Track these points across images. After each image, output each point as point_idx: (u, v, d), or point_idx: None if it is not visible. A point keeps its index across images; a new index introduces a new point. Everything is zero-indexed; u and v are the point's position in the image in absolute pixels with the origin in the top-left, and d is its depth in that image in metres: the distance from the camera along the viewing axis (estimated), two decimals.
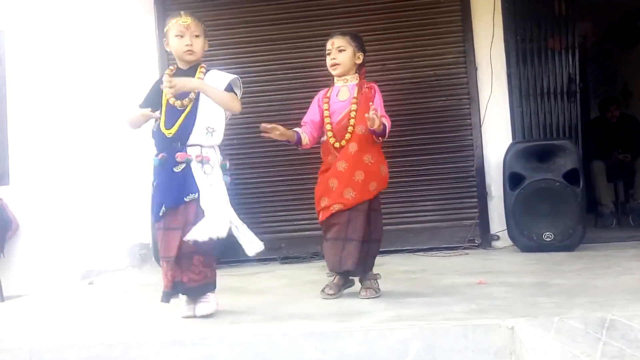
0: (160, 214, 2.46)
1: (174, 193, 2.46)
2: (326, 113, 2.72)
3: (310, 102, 2.88)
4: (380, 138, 2.66)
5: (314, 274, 3.57)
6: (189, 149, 2.49)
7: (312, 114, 2.79)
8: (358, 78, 2.75)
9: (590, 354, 1.73)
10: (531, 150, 4.04)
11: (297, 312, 2.42)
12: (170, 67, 2.64)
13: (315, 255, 4.34)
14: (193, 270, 2.43)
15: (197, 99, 2.53)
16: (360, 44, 2.74)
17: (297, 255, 4.40)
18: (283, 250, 4.49)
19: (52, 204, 4.73)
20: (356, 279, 2.76)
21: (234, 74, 2.63)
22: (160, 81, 2.59)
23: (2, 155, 4.87)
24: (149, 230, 4.27)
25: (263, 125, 2.62)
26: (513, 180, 4.01)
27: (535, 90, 4.57)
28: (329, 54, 2.73)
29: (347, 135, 2.64)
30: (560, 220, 3.87)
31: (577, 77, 4.59)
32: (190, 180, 2.46)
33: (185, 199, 2.44)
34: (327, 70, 2.81)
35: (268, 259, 4.39)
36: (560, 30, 4.62)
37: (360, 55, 2.73)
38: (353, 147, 2.63)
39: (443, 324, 2.02)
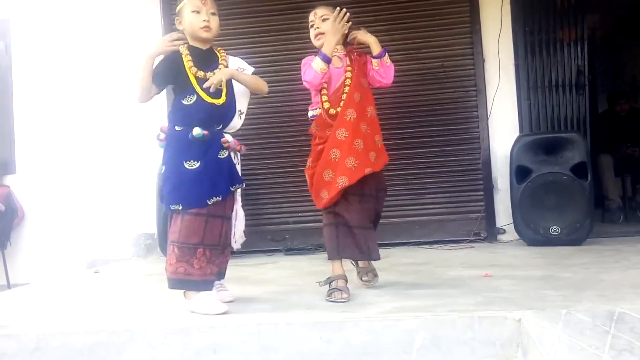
0: (210, 202, 2.32)
1: (225, 182, 2.36)
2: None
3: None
4: (380, 64, 2.58)
5: (318, 265, 3.56)
6: (226, 136, 2.40)
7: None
8: (344, 48, 2.67)
9: (599, 346, 1.72)
10: (538, 143, 4.01)
11: (301, 302, 2.41)
12: (182, 46, 2.43)
13: (319, 247, 4.32)
14: (226, 255, 2.46)
15: (229, 81, 2.43)
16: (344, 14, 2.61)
17: (301, 246, 4.40)
18: (287, 241, 4.49)
19: (58, 193, 4.75)
20: (348, 262, 2.67)
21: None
22: (176, 54, 2.40)
23: (8, 144, 4.89)
24: (154, 220, 4.28)
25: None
26: (520, 173, 3.98)
27: (543, 83, 4.53)
28: (312, 25, 2.64)
29: (342, 102, 2.52)
30: (568, 214, 3.84)
31: (586, 69, 4.55)
32: (233, 169, 2.41)
33: (231, 189, 2.39)
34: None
35: (272, 250, 4.40)
36: (569, 22, 4.58)
37: (345, 25, 2.59)
38: (351, 114, 2.51)
39: (449, 315, 2.01)
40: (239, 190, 2.46)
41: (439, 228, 4.44)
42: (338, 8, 2.59)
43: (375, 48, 2.60)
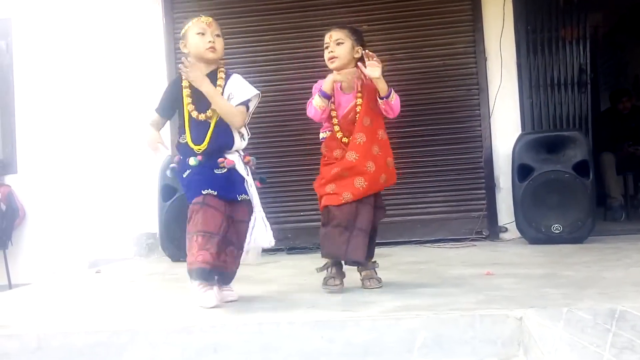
0: (204, 192, 2.39)
1: (227, 188, 2.43)
2: (332, 106, 2.66)
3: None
4: (388, 108, 2.61)
5: (320, 264, 3.55)
6: (227, 154, 2.49)
7: None
8: (357, 72, 2.67)
9: (600, 344, 1.72)
10: (541, 142, 4.00)
11: (303, 302, 2.41)
12: (190, 60, 2.52)
13: None
14: (232, 257, 2.45)
15: None
16: (359, 38, 2.68)
17: (303, 245, 4.40)
18: (289, 240, 4.49)
19: (60, 192, 4.75)
20: (353, 269, 2.72)
21: (239, 64, 2.61)
22: (177, 83, 2.55)
23: (9, 144, 4.90)
24: (155, 219, 4.28)
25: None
26: (522, 171, 3.97)
27: (546, 81, 4.53)
28: (326, 47, 2.67)
29: (355, 130, 2.58)
30: (570, 212, 3.84)
31: (588, 68, 4.55)
32: (238, 180, 2.48)
33: (238, 198, 2.46)
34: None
35: (274, 249, 4.37)
36: (572, 20, 4.57)
37: (359, 49, 2.65)
38: (361, 137, 2.58)
39: (451, 314, 2.01)
40: (255, 204, 2.52)
41: (441, 227, 4.43)
42: (358, 70, 2.62)
43: (381, 88, 2.58)
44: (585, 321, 1.84)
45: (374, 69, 2.55)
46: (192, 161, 2.44)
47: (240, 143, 2.55)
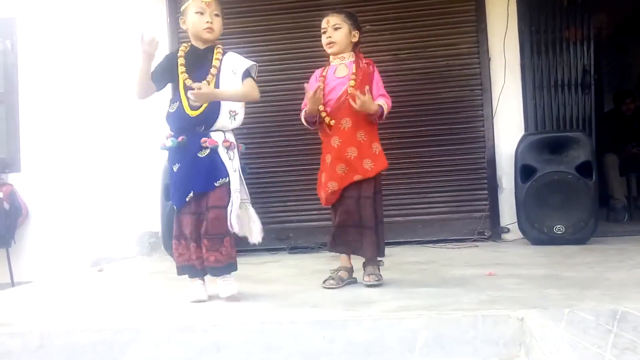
0: (187, 199, 2.46)
1: (203, 178, 2.45)
2: (323, 91, 2.66)
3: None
4: (377, 119, 2.63)
5: (322, 264, 3.56)
6: (212, 134, 2.48)
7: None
8: (354, 56, 2.72)
9: (601, 345, 1.72)
10: (544, 142, 4.00)
11: (305, 301, 2.41)
12: (185, 44, 2.60)
13: (323, 246, 4.31)
14: (221, 251, 2.45)
15: (217, 80, 2.49)
16: (355, 22, 2.71)
17: (305, 245, 4.40)
18: (291, 240, 4.49)
19: (63, 191, 4.76)
20: (358, 266, 2.75)
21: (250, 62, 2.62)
22: (173, 55, 2.57)
23: (13, 143, 4.91)
24: (158, 218, 4.29)
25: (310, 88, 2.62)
26: (525, 172, 3.97)
27: (549, 82, 4.52)
28: (324, 32, 2.71)
29: (343, 115, 2.60)
30: (572, 213, 3.83)
31: (592, 69, 4.54)
32: (218, 164, 2.47)
33: (215, 184, 2.45)
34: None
35: (276, 249, 4.40)
36: (575, 21, 4.57)
37: (356, 34, 2.70)
38: (346, 122, 2.60)
39: (452, 314, 2.01)
40: (240, 188, 2.52)
41: (443, 227, 4.43)
42: (313, 87, 2.63)
43: (372, 113, 2.58)
44: (587, 322, 1.84)
45: (363, 105, 2.54)
46: (170, 142, 2.47)
47: (227, 121, 2.51)
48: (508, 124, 4.43)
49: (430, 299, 2.30)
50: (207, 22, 2.50)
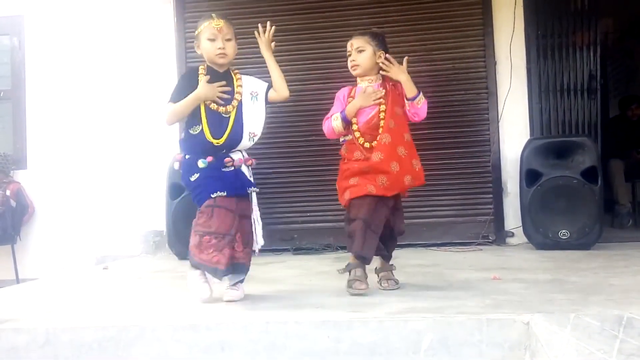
0: (214, 195, 2.46)
1: (236, 184, 2.50)
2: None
3: (329, 94, 2.87)
4: (411, 106, 2.64)
5: (327, 265, 3.57)
6: (232, 154, 2.54)
7: (338, 111, 2.73)
8: (381, 77, 2.72)
9: (607, 350, 1.71)
10: (549, 147, 3.99)
11: (310, 302, 2.42)
12: (202, 66, 2.64)
13: (328, 247, 4.34)
14: (249, 252, 2.53)
15: (240, 105, 2.56)
16: (380, 42, 2.69)
17: (309, 246, 4.40)
18: (296, 240, 4.50)
19: (69, 189, 4.79)
20: (371, 270, 2.75)
21: (251, 64, 2.71)
22: (192, 76, 2.59)
23: (20, 140, 4.93)
24: (163, 217, 4.30)
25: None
26: (530, 176, 3.97)
27: (555, 86, 4.51)
28: (349, 55, 2.72)
29: (380, 132, 2.61)
30: (577, 218, 3.83)
31: (598, 74, 4.53)
32: (244, 178, 2.55)
33: (248, 190, 2.54)
34: (345, 60, 2.79)
35: (280, 250, 4.40)
36: (582, 26, 4.56)
37: (381, 54, 2.67)
38: (386, 138, 2.59)
39: (457, 316, 2.01)
40: (255, 199, 2.59)
41: (447, 230, 4.43)
42: (377, 89, 2.66)
43: (409, 90, 2.63)
44: (592, 327, 1.84)
45: (398, 73, 2.61)
46: (202, 164, 2.48)
47: (247, 142, 2.60)
48: (513, 128, 4.43)
49: (435, 301, 2.30)
50: (219, 48, 2.55)
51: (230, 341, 2.04)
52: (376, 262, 2.74)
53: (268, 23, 2.67)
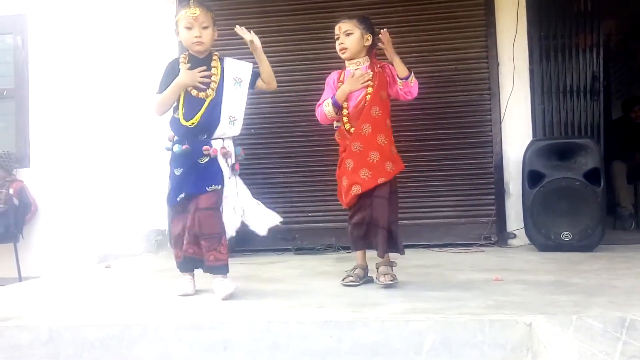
0: (178, 199, 2.58)
1: (197, 182, 2.55)
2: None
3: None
4: (405, 85, 2.68)
5: (328, 265, 3.58)
6: (213, 142, 2.57)
7: (328, 96, 2.78)
8: (369, 60, 2.76)
9: (609, 352, 1.72)
10: (552, 148, 3.99)
11: (312, 301, 2.42)
12: (184, 55, 2.70)
13: (329, 247, 4.34)
14: (220, 250, 2.55)
15: (220, 89, 2.59)
16: (368, 26, 2.74)
17: (311, 246, 4.41)
18: (297, 240, 4.50)
19: (71, 188, 4.79)
20: (372, 271, 2.77)
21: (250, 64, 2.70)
22: (175, 64, 2.65)
23: (22, 139, 4.94)
24: (165, 216, 4.30)
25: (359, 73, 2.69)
26: (532, 178, 3.96)
27: (558, 88, 4.51)
28: (337, 38, 2.75)
29: (362, 120, 2.66)
30: (580, 220, 3.82)
31: (601, 75, 4.52)
32: (214, 171, 2.57)
33: (207, 189, 2.55)
34: (344, 61, 2.80)
35: (282, 249, 4.41)
36: (585, 28, 4.55)
37: (369, 37, 2.72)
38: (367, 128, 2.65)
39: (459, 317, 2.01)
40: (239, 188, 2.65)
41: (448, 231, 4.43)
42: (364, 72, 2.69)
43: (401, 70, 2.68)
44: (595, 329, 1.84)
45: (393, 53, 2.66)
46: (176, 148, 2.56)
47: (228, 127, 2.61)
48: (516, 129, 4.42)
49: (436, 302, 2.31)
50: (196, 36, 2.60)
51: (233, 340, 2.05)
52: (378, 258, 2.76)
53: (243, 27, 2.69)
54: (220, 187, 2.57)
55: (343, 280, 2.74)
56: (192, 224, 2.55)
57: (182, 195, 2.57)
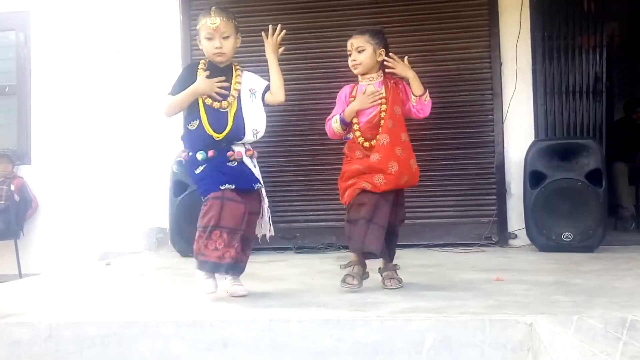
0: (223, 188, 2.43)
1: (243, 178, 2.50)
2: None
3: (331, 93, 2.88)
4: (419, 102, 2.68)
5: (329, 264, 3.57)
6: (234, 147, 2.55)
7: (339, 111, 2.75)
8: (382, 75, 2.73)
9: (610, 353, 1.71)
10: (554, 149, 3.99)
11: (312, 300, 2.42)
12: (203, 60, 2.65)
13: (330, 246, 4.34)
14: (248, 253, 2.56)
15: (238, 101, 2.57)
16: (380, 40, 2.70)
17: (311, 245, 4.40)
18: (298, 239, 4.50)
19: (72, 185, 4.79)
20: (375, 269, 2.75)
21: (253, 63, 2.73)
22: (193, 69, 2.61)
23: (24, 136, 4.95)
24: (166, 214, 4.31)
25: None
26: (534, 178, 3.96)
27: (560, 88, 4.50)
28: (349, 54, 2.72)
29: (379, 132, 2.63)
30: (581, 220, 3.82)
31: (604, 76, 4.51)
32: (249, 172, 2.56)
33: (254, 186, 2.54)
34: (347, 60, 2.79)
35: (282, 248, 4.40)
36: (588, 29, 4.54)
37: (382, 52, 2.69)
38: (385, 138, 2.61)
39: (460, 317, 2.01)
40: (263, 191, 2.63)
41: (450, 231, 4.42)
42: (376, 90, 2.68)
43: (416, 87, 2.68)
44: (596, 329, 1.84)
45: (405, 69, 2.65)
46: (200, 155, 2.49)
47: (250, 137, 2.60)
48: (518, 129, 4.42)
49: (437, 301, 2.30)
50: (217, 47, 2.56)
51: (233, 338, 2.05)
52: (379, 262, 2.74)
53: (279, 26, 2.68)
54: (261, 186, 2.60)
55: (343, 281, 2.63)
56: (247, 228, 2.50)
57: (232, 187, 2.44)
